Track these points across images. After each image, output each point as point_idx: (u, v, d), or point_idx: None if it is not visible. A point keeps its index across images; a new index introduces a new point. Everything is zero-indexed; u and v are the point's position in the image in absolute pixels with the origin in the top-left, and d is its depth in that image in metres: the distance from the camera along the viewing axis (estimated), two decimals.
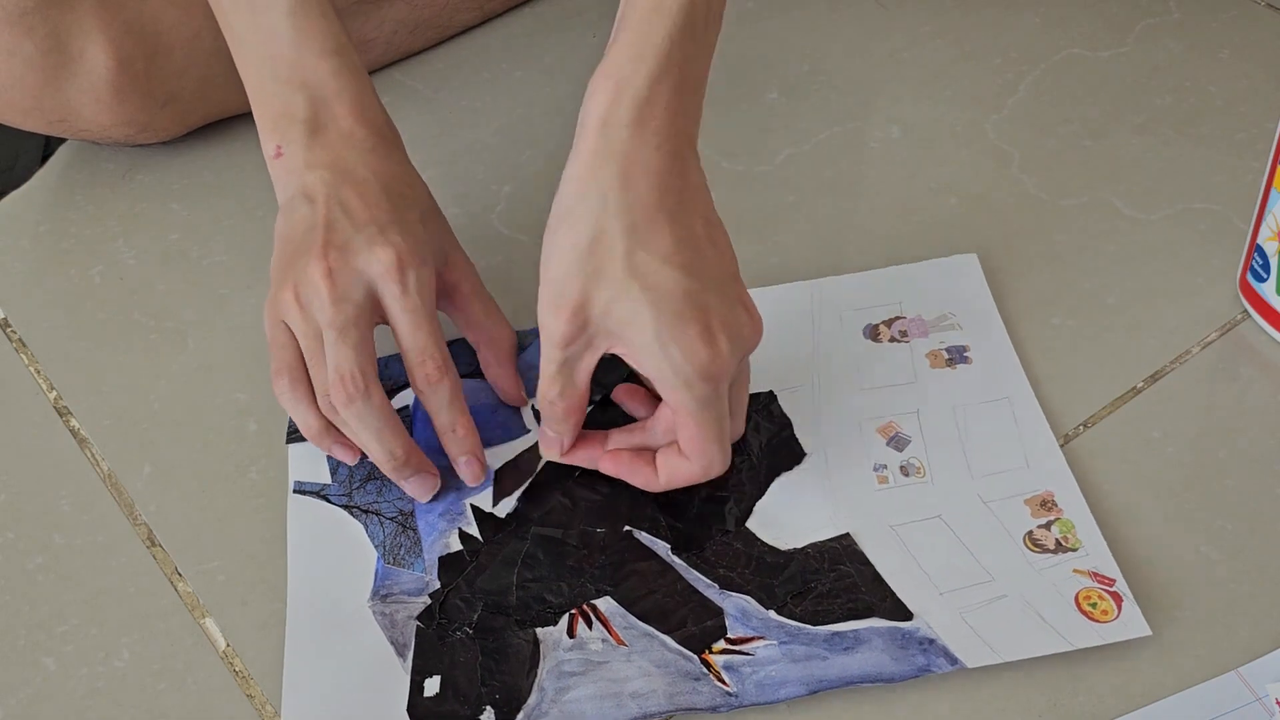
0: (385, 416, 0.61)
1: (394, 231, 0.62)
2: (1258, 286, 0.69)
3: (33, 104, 0.78)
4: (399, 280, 0.61)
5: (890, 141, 0.83)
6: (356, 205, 0.63)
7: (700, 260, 0.57)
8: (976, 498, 0.62)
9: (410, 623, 0.60)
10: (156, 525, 0.65)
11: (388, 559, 0.62)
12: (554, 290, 0.56)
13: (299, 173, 0.64)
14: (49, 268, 0.79)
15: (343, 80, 0.65)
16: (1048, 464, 0.64)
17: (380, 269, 0.61)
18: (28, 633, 0.62)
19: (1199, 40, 0.88)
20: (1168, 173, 0.79)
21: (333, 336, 0.60)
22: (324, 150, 0.64)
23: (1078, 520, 0.61)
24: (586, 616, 0.59)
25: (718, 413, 0.58)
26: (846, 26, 0.91)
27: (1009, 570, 0.59)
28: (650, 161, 0.56)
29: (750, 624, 0.58)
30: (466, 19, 0.92)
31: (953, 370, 0.68)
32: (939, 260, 0.73)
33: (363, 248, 0.61)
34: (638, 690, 0.56)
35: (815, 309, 0.71)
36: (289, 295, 0.61)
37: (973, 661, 0.56)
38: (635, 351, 0.57)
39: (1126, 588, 0.58)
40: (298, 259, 0.62)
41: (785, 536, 0.62)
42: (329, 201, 0.63)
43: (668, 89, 0.56)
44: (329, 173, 0.64)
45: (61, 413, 0.71)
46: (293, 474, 0.66)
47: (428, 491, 0.63)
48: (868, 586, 0.59)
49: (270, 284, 0.63)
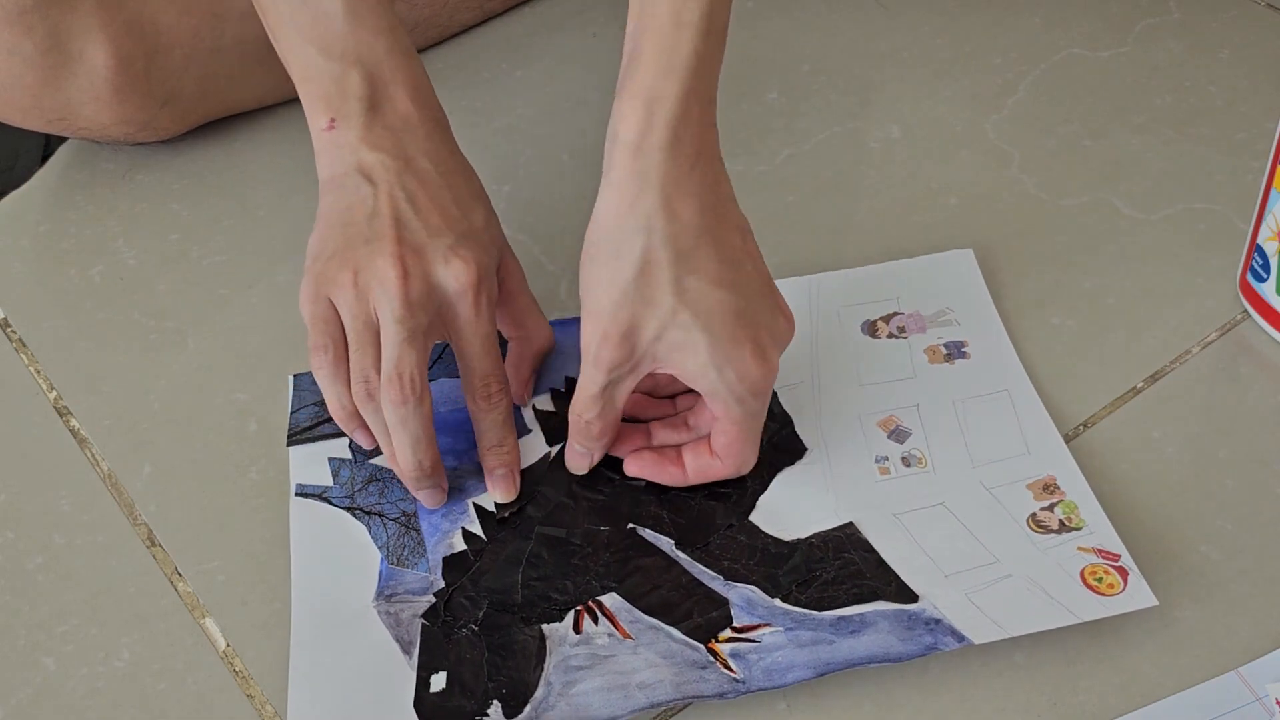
0: (427, 426, 0.61)
1: (467, 246, 0.62)
2: (1258, 286, 0.69)
3: (32, 103, 0.78)
4: (474, 303, 0.61)
5: (890, 141, 0.83)
6: (425, 203, 0.62)
7: (742, 276, 0.58)
8: (979, 484, 0.63)
9: (415, 621, 0.60)
10: (156, 525, 0.65)
11: (391, 560, 0.62)
12: (603, 320, 0.57)
13: (354, 149, 0.63)
14: (49, 268, 0.79)
15: (397, 60, 0.65)
16: (1049, 449, 0.64)
17: (458, 287, 0.61)
18: (28, 633, 0.62)
19: (1199, 40, 0.88)
20: (1168, 173, 0.79)
21: (401, 336, 0.59)
22: (383, 131, 0.64)
23: (1081, 501, 0.61)
24: (592, 612, 0.59)
25: (762, 420, 0.61)
26: (846, 26, 0.91)
27: (1013, 551, 0.60)
28: (688, 184, 0.56)
29: (756, 612, 0.59)
30: (466, 19, 0.92)
31: (951, 365, 0.68)
32: (935, 255, 0.74)
33: (439, 259, 0.61)
34: (645, 681, 0.56)
35: (812, 305, 0.72)
36: (347, 276, 0.60)
37: (980, 638, 0.56)
38: (688, 374, 0.58)
39: (1132, 561, 0.58)
40: (359, 245, 0.61)
41: (789, 528, 0.62)
42: (393, 192, 0.62)
43: (697, 106, 0.56)
44: (390, 158, 0.63)
45: (61, 413, 0.71)
46: (294, 477, 0.66)
47: (438, 502, 0.64)
48: (872, 572, 0.59)
49: (312, 261, 0.62)
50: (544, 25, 0.93)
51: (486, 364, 0.62)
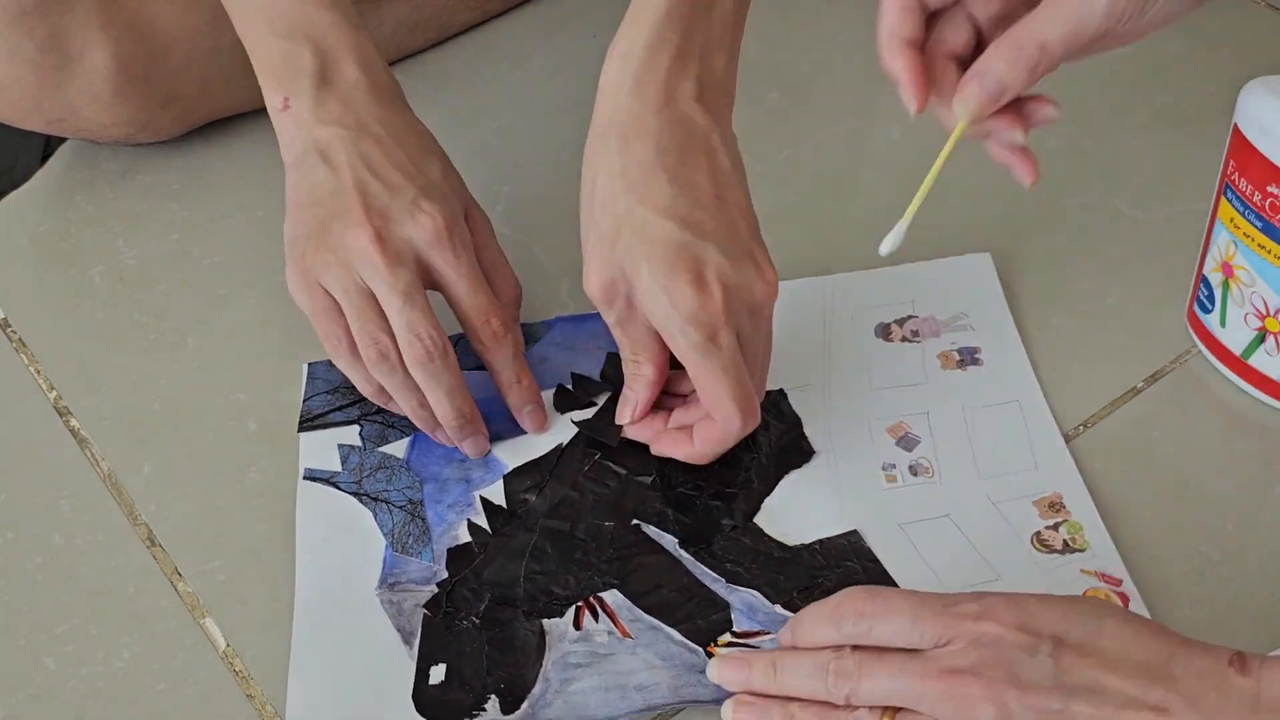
0: (457, 375, 0.63)
1: (429, 198, 0.63)
2: (1204, 318, 0.68)
3: (33, 104, 0.78)
4: (449, 245, 0.63)
5: (890, 141, 0.82)
6: (382, 165, 0.64)
7: (701, 214, 0.58)
8: (985, 498, 0.62)
9: (417, 611, 0.60)
10: (156, 525, 0.65)
11: (396, 547, 0.62)
12: (585, 259, 0.60)
13: (309, 127, 0.65)
14: (49, 268, 0.79)
15: (343, 33, 0.66)
16: (1057, 466, 0.63)
17: (428, 236, 0.62)
18: (28, 633, 0.62)
19: (1199, 40, 0.87)
20: (1168, 173, 0.79)
21: (398, 301, 0.61)
22: (335, 104, 0.65)
23: (1086, 522, 0.61)
24: (593, 609, 0.59)
25: (722, 363, 0.59)
26: (846, 26, 0.91)
27: (1016, 570, 0.59)
28: (648, 124, 0.58)
29: (756, 619, 0.59)
30: (466, 19, 0.92)
31: (963, 372, 0.68)
32: (952, 259, 0.73)
33: (404, 215, 0.62)
34: (642, 682, 0.56)
35: (827, 306, 0.71)
36: (328, 257, 0.62)
37: None
38: (642, 302, 0.59)
39: (1134, 588, 0.58)
40: (331, 222, 0.62)
41: (793, 532, 0.62)
42: (351, 162, 0.64)
43: (666, 56, 0.59)
44: (343, 129, 0.65)
45: (61, 413, 0.71)
46: (303, 461, 0.66)
47: (481, 450, 0.65)
48: (873, 582, 0.59)
49: (290, 248, 0.64)
50: (544, 25, 0.93)
51: (480, 300, 0.64)
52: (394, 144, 0.65)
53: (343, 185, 0.63)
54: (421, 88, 0.89)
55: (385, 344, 0.62)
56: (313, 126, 0.65)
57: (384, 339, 0.62)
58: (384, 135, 0.65)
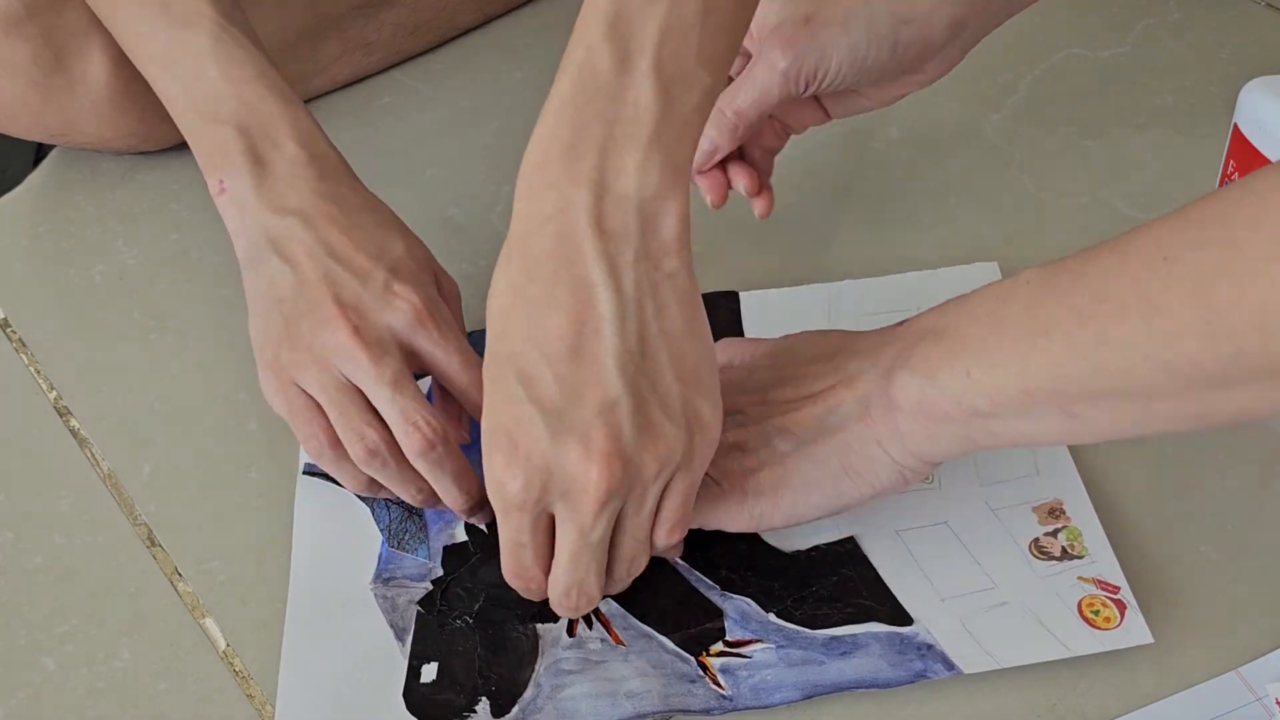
0: (460, 458, 0.59)
1: (399, 279, 0.61)
2: None
3: (34, 120, 0.78)
4: (432, 325, 0.60)
5: (890, 141, 0.82)
6: (345, 251, 0.61)
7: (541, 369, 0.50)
8: (984, 505, 0.62)
9: (411, 607, 0.60)
10: (156, 525, 0.65)
11: (392, 543, 0.62)
12: None
13: (255, 213, 0.63)
14: (49, 268, 0.79)
15: (272, 106, 0.64)
16: (1059, 472, 0.63)
17: (409, 320, 0.60)
18: (28, 633, 0.62)
19: (1199, 40, 0.87)
20: (1168, 173, 0.79)
21: (388, 391, 0.58)
22: (278, 186, 0.63)
23: (1085, 527, 0.61)
24: (587, 616, 0.59)
25: (507, 536, 0.54)
26: None
27: (1012, 577, 0.59)
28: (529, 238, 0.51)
29: (750, 627, 0.58)
30: (466, 20, 0.92)
31: None
32: (959, 267, 0.73)
33: (380, 303, 0.60)
34: (633, 690, 0.56)
35: (831, 313, 0.71)
36: (303, 357, 0.59)
37: (970, 668, 0.56)
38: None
39: (1131, 595, 0.58)
40: (300, 321, 0.60)
41: (789, 538, 0.61)
42: (312, 252, 0.61)
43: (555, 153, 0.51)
44: (294, 217, 0.62)
45: (61, 413, 0.71)
46: (303, 456, 0.66)
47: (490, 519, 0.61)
48: (869, 590, 0.59)
49: (260, 351, 0.61)
50: (544, 26, 0.93)
51: (473, 375, 0.61)
52: (351, 224, 0.62)
53: (306, 280, 0.60)
54: (421, 88, 0.89)
55: (373, 438, 0.59)
56: (259, 213, 0.62)
57: (370, 433, 0.59)
58: (338, 215, 0.62)
